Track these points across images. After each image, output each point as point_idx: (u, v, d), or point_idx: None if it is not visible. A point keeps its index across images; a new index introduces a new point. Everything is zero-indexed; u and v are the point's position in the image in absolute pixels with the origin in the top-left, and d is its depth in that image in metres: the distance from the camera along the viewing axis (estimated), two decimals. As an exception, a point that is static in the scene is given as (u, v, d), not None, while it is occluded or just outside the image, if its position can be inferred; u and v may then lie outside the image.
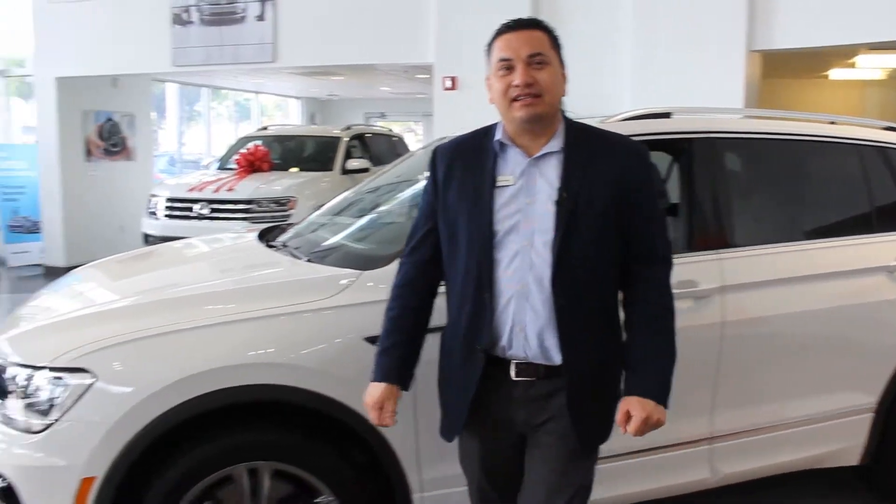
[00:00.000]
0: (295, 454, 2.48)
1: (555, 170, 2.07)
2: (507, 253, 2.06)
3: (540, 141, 2.09)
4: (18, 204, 10.34)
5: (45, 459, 2.37)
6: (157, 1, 8.54)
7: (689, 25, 6.49)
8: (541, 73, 2.05)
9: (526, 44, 2.06)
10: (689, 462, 3.03)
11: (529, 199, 2.06)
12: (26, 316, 2.95)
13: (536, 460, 2.15)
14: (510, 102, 2.05)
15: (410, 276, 2.24)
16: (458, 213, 2.11)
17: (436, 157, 2.22)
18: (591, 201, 2.04)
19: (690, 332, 2.92)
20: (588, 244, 2.05)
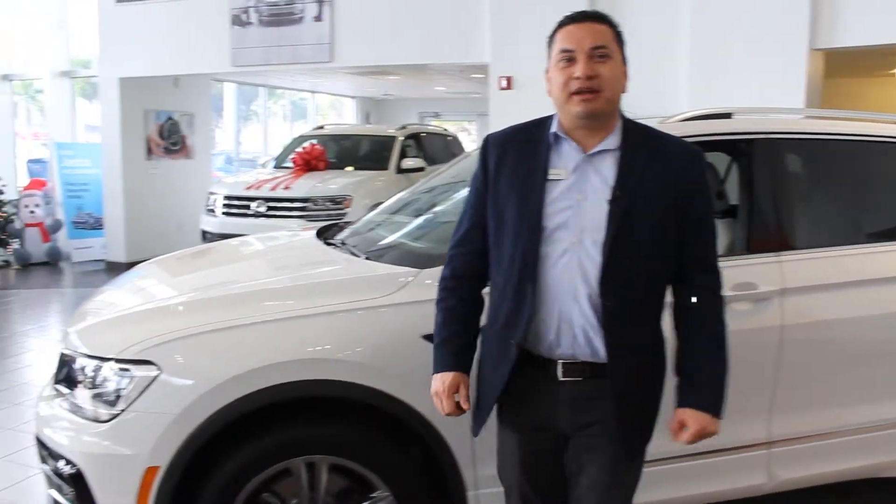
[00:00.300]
0: (352, 449, 2.52)
1: (610, 168, 2.02)
2: (556, 249, 2.01)
3: (596, 137, 2.04)
4: (82, 201, 10.62)
5: (111, 448, 2.45)
6: (217, 3, 8.69)
7: (750, 23, 6.38)
8: (603, 67, 1.99)
9: (589, 36, 2.00)
10: (746, 466, 2.99)
11: (581, 196, 2.01)
12: (92, 310, 3.04)
13: (586, 462, 2.12)
14: (569, 96, 2.00)
15: (460, 268, 2.20)
16: (507, 203, 2.07)
17: (487, 145, 2.17)
18: (646, 203, 2.00)
19: (749, 335, 2.91)
20: (639, 246, 2.00)
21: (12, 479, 4.00)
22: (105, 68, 9.75)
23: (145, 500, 2.43)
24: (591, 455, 2.10)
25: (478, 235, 2.16)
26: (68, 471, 2.53)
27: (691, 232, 2.08)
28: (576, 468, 2.14)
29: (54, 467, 2.65)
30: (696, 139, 3.02)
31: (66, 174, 10.53)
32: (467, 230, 2.19)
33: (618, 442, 2.08)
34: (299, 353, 2.49)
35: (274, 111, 16.69)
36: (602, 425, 2.07)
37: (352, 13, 8.03)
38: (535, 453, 2.16)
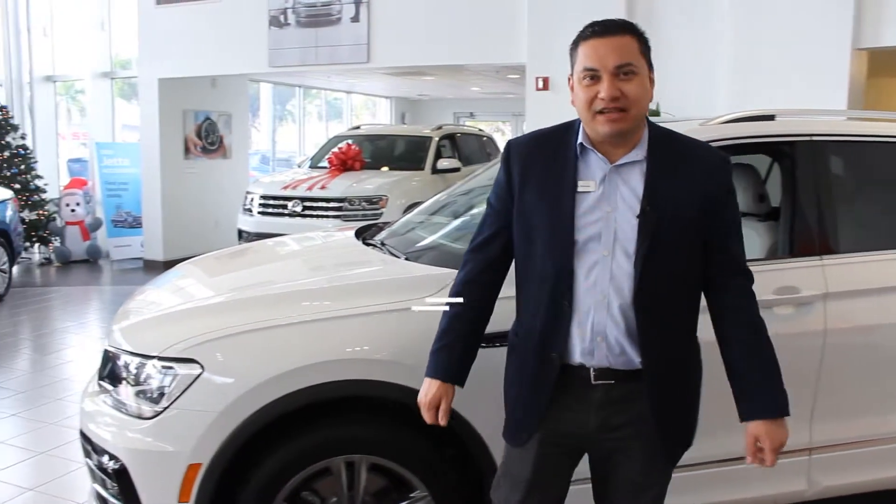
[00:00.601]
0: (391, 449, 2.53)
1: (638, 179, 1.99)
2: (587, 262, 1.99)
3: (622, 148, 2.00)
4: (122, 200, 10.78)
5: (154, 444, 2.48)
6: (254, 4, 8.77)
7: (790, 23, 6.30)
8: (628, 86, 1.93)
9: (613, 52, 1.93)
10: (787, 472, 2.95)
11: (611, 208, 1.99)
12: (134, 309, 3.08)
13: (619, 464, 2.11)
14: (594, 115, 1.96)
15: (475, 274, 2.16)
16: (536, 214, 2.04)
17: (510, 152, 2.13)
18: (676, 214, 1.97)
19: (791, 339, 2.87)
20: (671, 257, 1.98)
21: (55, 473, 4.08)
22: (144, 69, 9.88)
23: (187, 496, 2.46)
24: (623, 456, 2.10)
25: (498, 243, 2.14)
26: (112, 466, 2.56)
27: (721, 237, 2.06)
28: (604, 470, 2.14)
29: (98, 462, 2.69)
30: (738, 141, 3.01)
31: (106, 173, 10.70)
32: (488, 237, 2.16)
33: (650, 443, 2.07)
34: (340, 353, 2.50)
35: (308, 111, 16.80)
36: (635, 427, 2.07)
37: (389, 14, 8.06)
38: (551, 457, 2.15)
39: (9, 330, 7.28)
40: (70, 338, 6.99)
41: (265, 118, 15.58)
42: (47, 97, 12.09)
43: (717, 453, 2.85)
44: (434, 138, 9.75)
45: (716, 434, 2.85)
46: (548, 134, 2.15)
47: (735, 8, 6.58)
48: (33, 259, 10.73)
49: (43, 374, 5.77)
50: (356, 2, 8.13)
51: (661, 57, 7.31)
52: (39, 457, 4.28)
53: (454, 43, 7.81)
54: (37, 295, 8.73)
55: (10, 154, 10.15)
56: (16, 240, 8.69)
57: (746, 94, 6.40)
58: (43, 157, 11.23)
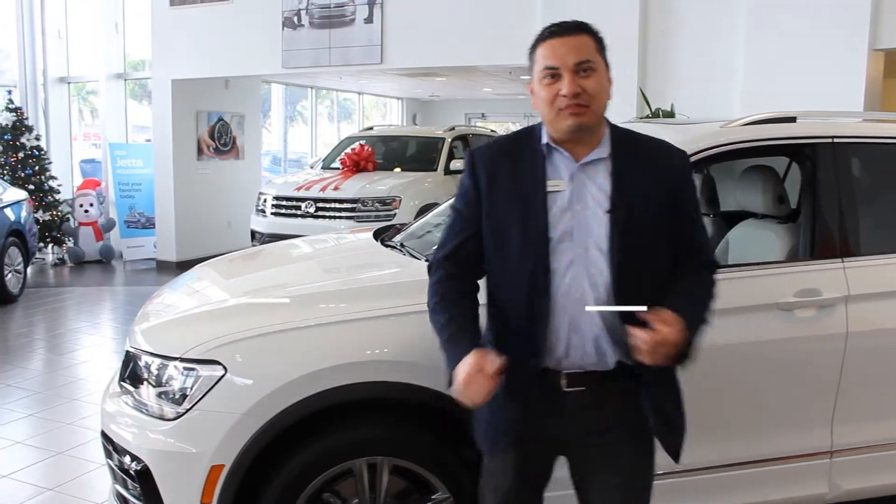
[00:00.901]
0: (413, 451, 2.53)
1: (604, 177, 2.03)
2: (563, 261, 2.00)
3: (586, 146, 2.04)
4: (135, 200, 10.82)
5: (177, 445, 2.49)
6: (268, 6, 8.78)
7: (806, 25, 6.27)
8: (588, 82, 1.98)
9: (572, 51, 1.98)
10: (808, 475, 2.95)
11: (581, 206, 2.02)
12: (155, 311, 3.09)
13: (602, 468, 2.11)
14: (557, 112, 1.99)
15: (451, 273, 2.12)
16: (507, 219, 2.04)
17: (474, 160, 2.14)
18: (643, 208, 2.01)
19: (812, 341, 2.88)
20: (643, 251, 2.01)
21: (74, 472, 4.10)
22: (158, 70, 9.91)
23: (210, 497, 2.47)
24: (606, 461, 2.10)
25: (469, 250, 2.12)
26: (135, 467, 2.57)
27: (685, 230, 2.10)
28: (585, 475, 2.14)
29: (119, 463, 2.70)
30: (759, 144, 3.00)
31: (120, 174, 10.74)
32: (457, 245, 2.13)
33: (629, 444, 2.09)
34: (362, 356, 2.50)
35: (318, 112, 16.82)
36: (616, 430, 2.08)
37: (402, 15, 8.06)
38: (532, 464, 2.16)
39: (24, 330, 7.32)
40: (84, 338, 7.02)
41: (275, 119, 15.62)
42: (61, 98, 12.14)
43: (737, 456, 2.85)
44: (447, 139, 9.75)
45: (736, 437, 2.86)
46: (510, 139, 2.19)
47: (750, 9, 6.56)
48: (47, 259, 10.78)
49: (58, 375, 5.80)
50: (370, 3, 8.14)
51: (676, 58, 7.32)
52: (57, 457, 4.30)
53: (468, 44, 7.80)
54: (51, 295, 8.77)
55: (24, 155, 10.21)
56: (31, 240, 8.74)
57: (761, 96, 6.37)
58: (57, 158, 11.27)
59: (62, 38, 11.90)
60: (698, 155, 2.87)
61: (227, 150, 10.89)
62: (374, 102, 18.77)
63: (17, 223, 8.39)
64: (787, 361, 2.87)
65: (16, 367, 5.99)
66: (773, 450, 2.89)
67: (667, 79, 6.99)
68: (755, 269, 2.94)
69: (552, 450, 2.16)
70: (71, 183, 11.89)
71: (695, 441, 2.79)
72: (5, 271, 8.08)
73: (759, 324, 2.82)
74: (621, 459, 2.11)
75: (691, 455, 2.79)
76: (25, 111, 10.77)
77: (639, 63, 7.00)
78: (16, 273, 8.36)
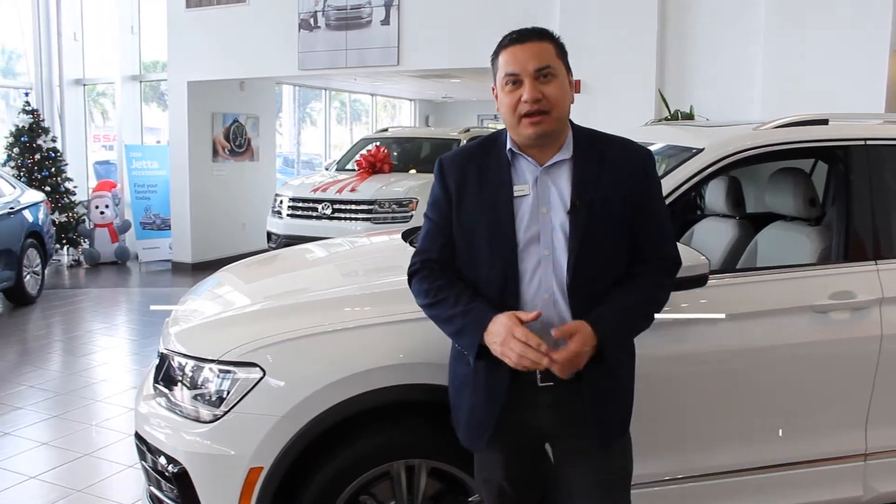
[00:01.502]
0: (450, 453, 2.52)
1: (566, 178, 2.08)
2: (530, 263, 2.06)
3: (550, 150, 2.09)
4: (150, 202, 10.85)
5: (216, 448, 2.49)
6: (284, 7, 8.80)
7: (827, 26, 6.25)
8: (549, 88, 2.03)
9: (533, 57, 2.03)
10: (843, 478, 2.94)
11: (546, 209, 2.07)
12: (181, 317, 3.06)
13: (579, 463, 2.15)
14: (519, 119, 2.04)
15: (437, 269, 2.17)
16: (476, 224, 2.10)
17: (443, 168, 2.20)
18: (605, 208, 2.05)
19: (846, 344, 2.87)
20: (604, 250, 2.06)
21: (102, 474, 4.12)
22: (174, 72, 9.93)
23: (248, 499, 2.47)
24: (581, 456, 2.15)
25: (447, 252, 2.17)
26: (172, 469, 2.58)
27: (647, 226, 2.13)
28: (565, 469, 2.19)
29: (154, 464, 2.71)
30: (792, 146, 3.00)
31: (135, 176, 10.78)
32: (439, 247, 2.18)
33: (592, 435, 2.11)
34: (398, 358, 2.50)
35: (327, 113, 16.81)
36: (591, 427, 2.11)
37: (419, 17, 8.06)
38: (518, 457, 2.21)
39: (43, 332, 7.36)
40: (103, 340, 7.05)
41: (286, 120, 15.64)
42: (77, 100, 12.18)
43: (772, 458, 2.85)
44: (462, 140, 9.74)
45: (770, 440, 2.85)
46: (476, 146, 2.23)
47: (769, 10, 6.54)
48: (62, 261, 10.81)
49: (79, 376, 5.82)
50: (386, 5, 8.14)
51: (695, 60, 7.32)
52: (84, 458, 4.31)
53: (484, 45, 7.65)
54: (68, 297, 8.81)
55: (41, 157, 10.25)
56: (48, 242, 8.78)
57: (781, 98, 6.36)
58: (72, 160, 11.31)
59: (78, 40, 11.95)
60: (732, 157, 2.87)
61: (241, 151, 10.91)
62: (382, 104, 18.78)
63: (36, 225, 8.43)
64: (821, 364, 2.87)
65: (37, 369, 6.02)
66: (807, 452, 2.89)
67: (685, 81, 6.98)
68: (789, 271, 2.93)
69: (536, 439, 2.21)
70: (86, 185, 11.93)
71: (730, 444, 2.82)
72: (24, 273, 8.11)
73: (794, 326, 2.82)
74: (596, 454, 2.14)
75: (727, 457, 2.82)
76: (42, 113, 10.80)
77: (657, 65, 6.99)
78: (34, 275, 8.40)
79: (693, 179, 2.81)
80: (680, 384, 2.75)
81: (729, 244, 3.61)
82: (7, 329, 7.38)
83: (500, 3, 7.66)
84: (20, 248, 8.00)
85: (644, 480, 2.71)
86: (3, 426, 4.77)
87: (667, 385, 2.72)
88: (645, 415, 2.70)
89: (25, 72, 11.85)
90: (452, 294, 2.11)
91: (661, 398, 2.71)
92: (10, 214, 7.96)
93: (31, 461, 4.28)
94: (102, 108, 13.77)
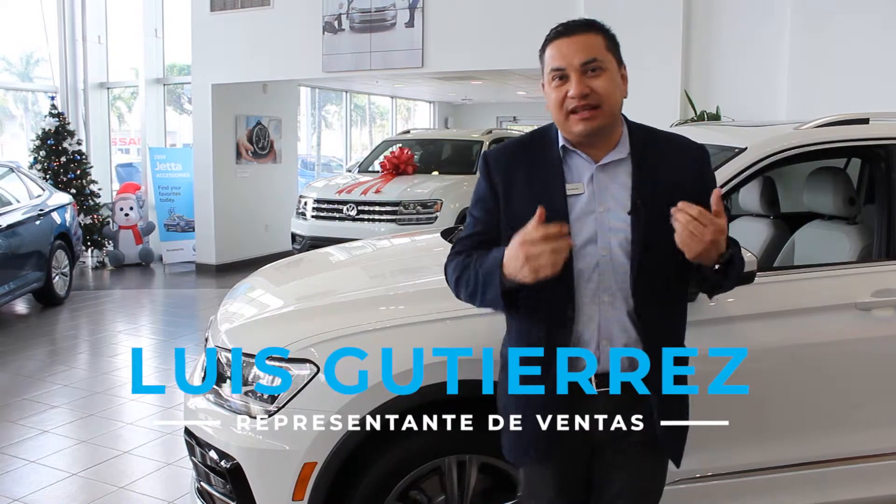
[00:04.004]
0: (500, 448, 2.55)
1: (625, 176, 2.00)
2: (588, 264, 1.97)
3: (604, 146, 2.01)
4: (174, 204, 10.93)
5: (270, 443, 2.53)
6: (309, 10, 8.84)
7: (851, 24, 6.25)
8: (597, 82, 1.93)
9: (580, 51, 1.94)
10: (886, 475, 2.94)
11: (603, 208, 1.98)
12: (223, 319, 3.07)
13: (622, 468, 2.12)
14: (567, 115, 1.95)
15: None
16: (526, 222, 1.91)
17: (489, 163, 2.10)
18: (665, 207, 1.92)
19: (890, 341, 2.89)
20: (665, 252, 1.92)
21: (143, 471, 4.17)
22: (198, 75, 10.00)
23: (302, 495, 2.51)
24: (630, 461, 2.11)
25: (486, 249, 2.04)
26: (224, 465, 2.62)
27: None
28: (608, 477, 2.14)
29: (203, 459, 2.75)
30: (833, 145, 3.02)
31: (159, 178, 10.86)
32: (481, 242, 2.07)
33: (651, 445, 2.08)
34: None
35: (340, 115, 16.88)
36: (639, 433, 2.07)
37: (443, 19, 8.09)
38: (570, 469, 2.14)
39: (72, 332, 7.44)
40: (132, 340, 7.13)
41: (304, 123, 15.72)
42: (101, 103, 12.29)
43: (817, 454, 2.86)
44: (484, 142, 9.77)
45: (815, 436, 2.87)
46: (525, 141, 2.16)
47: (795, 10, 6.54)
48: (87, 263, 10.90)
49: (111, 376, 5.88)
50: (411, 7, 8.18)
51: (720, 60, 7.30)
52: (123, 456, 4.37)
53: (508, 47, 7.80)
54: (95, 297, 8.89)
55: (66, 160, 10.34)
56: (76, 244, 8.87)
57: (807, 98, 6.36)
58: (96, 163, 11.40)
59: (102, 43, 12.05)
60: (774, 157, 2.89)
61: (264, 153, 10.97)
62: (399, 106, 18.83)
63: (64, 226, 8.52)
64: (864, 361, 2.89)
65: (70, 368, 6.09)
66: (851, 449, 2.90)
67: (711, 81, 6.98)
68: (832, 269, 2.96)
69: (584, 454, 2.13)
70: (109, 187, 12.03)
71: (775, 440, 2.84)
72: (53, 274, 8.19)
73: (838, 323, 2.84)
74: (640, 463, 2.12)
75: (772, 453, 2.84)
76: (67, 116, 10.90)
77: (682, 66, 7.00)
78: (62, 276, 8.48)
79: (737, 178, 2.83)
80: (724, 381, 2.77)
81: (765, 243, 3.63)
82: (38, 329, 7.46)
83: (523, 4, 7.68)
84: (49, 250, 8.09)
85: (687, 476, 2.74)
86: (42, 424, 4.84)
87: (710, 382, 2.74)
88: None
89: (50, 75, 11.96)
90: (472, 260, 2.02)
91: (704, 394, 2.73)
92: (39, 216, 8.05)
93: (71, 458, 4.35)
94: (119, 111, 13.89)
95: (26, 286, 7.70)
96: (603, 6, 7.13)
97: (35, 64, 12.84)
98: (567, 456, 2.11)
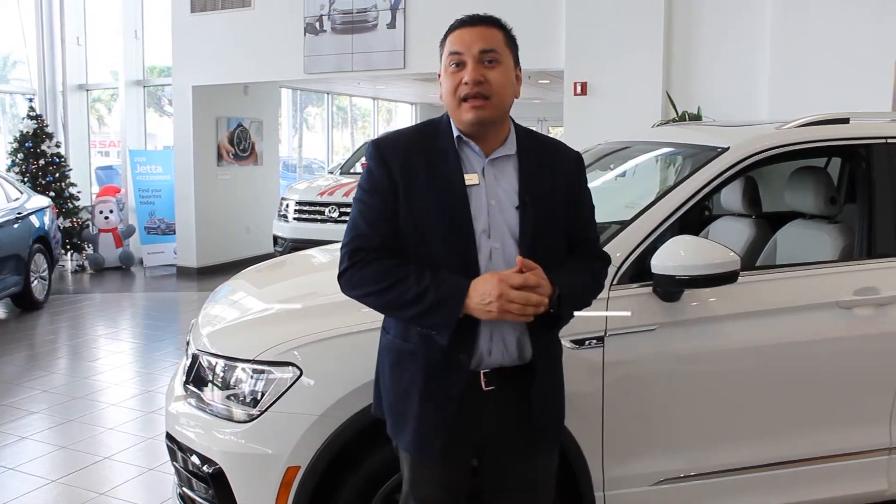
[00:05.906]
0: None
1: (512, 173, 2.05)
2: (484, 255, 2.00)
3: (493, 142, 2.05)
4: (154, 207, 10.86)
5: (252, 448, 2.51)
6: (290, 12, 8.81)
7: (833, 25, 6.30)
8: (492, 73, 1.97)
9: (479, 40, 1.98)
10: (866, 472, 2.97)
11: (495, 200, 2.02)
12: (205, 322, 3.04)
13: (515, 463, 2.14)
14: (459, 102, 1.98)
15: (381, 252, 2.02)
16: (429, 213, 1.99)
17: (383, 152, 2.04)
18: (549, 205, 2.04)
19: (871, 340, 2.91)
20: (549, 245, 2.04)
21: (124, 476, 4.13)
22: (179, 77, 9.93)
23: (285, 498, 2.49)
24: (519, 455, 2.14)
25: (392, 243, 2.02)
26: (207, 469, 2.59)
27: (581, 229, 2.16)
28: (500, 473, 2.16)
29: (185, 464, 2.72)
30: (814, 145, 3.03)
31: (140, 180, 10.79)
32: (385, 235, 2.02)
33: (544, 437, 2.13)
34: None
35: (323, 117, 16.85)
36: (526, 428, 2.10)
37: (425, 20, 8.08)
38: (456, 468, 2.15)
39: (51, 337, 7.36)
40: (112, 344, 7.06)
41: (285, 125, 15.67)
42: (80, 105, 12.19)
43: (798, 453, 2.87)
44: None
45: (796, 434, 2.88)
46: (416, 130, 2.16)
47: (776, 11, 6.59)
48: (67, 266, 10.81)
49: (91, 380, 5.83)
50: (392, 8, 8.17)
51: (701, 61, 7.33)
52: (104, 462, 4.32)
53: (491, 49, 7.80)
54: (74, 302, 8.81)
55: (45, 162, 10.25)
56: (55, 247, 8.78)
57: (788, 98, 6.40)
58: (75, 165, 11.31)
59: (81, 45, 11.95)
60: (756, 157, 2.91)
61: (245, 155, 10.92)
62: (379, 108, 18.79)
63: (42, 230, 8.43)
64: (846, 359, 2.91)
65: (49, 374, 6.02)
66: (832, 447, 2.92)
67: (692, 82, 7.03)
68: (814, 268, 2.97)
69: (470, 453, 2.16)
70: (89, 190, 11.93)
71: (755, 439, 2.85)
72: (31, 278, 8.11)
73: (820, 322, 2.86)
74: (534, 454, 2.14)
75: (752, 452, 2.84)
76: (45, 118, 10.80)
77: (663, 66, 7.03)
78: (41, 280, 8.40)
79: (720, 178, 2.85)
80: (706, 380, 2.78)
81: (747, 243, 3.65)
82: (16, 334, 7.38)
83: (506, 6, 7.64)
84: (28, 254, 8.00)
85: (669, 476, 2.75)
86: (21, 430, 4.78)
87: (693, 381, 2.75)
88: (671, 411, 2.75)
89: (28, 77, 11.85)
90: (412, 272, 1.97)
91: (687, 394, 2.74)
92: (17, 220, 7.97)
93: (51, 465, 4.29)
94: (98, 113, 13.78)
95: (4, 290, 7.62)
96: (585, 9, 7.18)
97: (12, 66, 12.70)
98: (457, 454, 2.12)
